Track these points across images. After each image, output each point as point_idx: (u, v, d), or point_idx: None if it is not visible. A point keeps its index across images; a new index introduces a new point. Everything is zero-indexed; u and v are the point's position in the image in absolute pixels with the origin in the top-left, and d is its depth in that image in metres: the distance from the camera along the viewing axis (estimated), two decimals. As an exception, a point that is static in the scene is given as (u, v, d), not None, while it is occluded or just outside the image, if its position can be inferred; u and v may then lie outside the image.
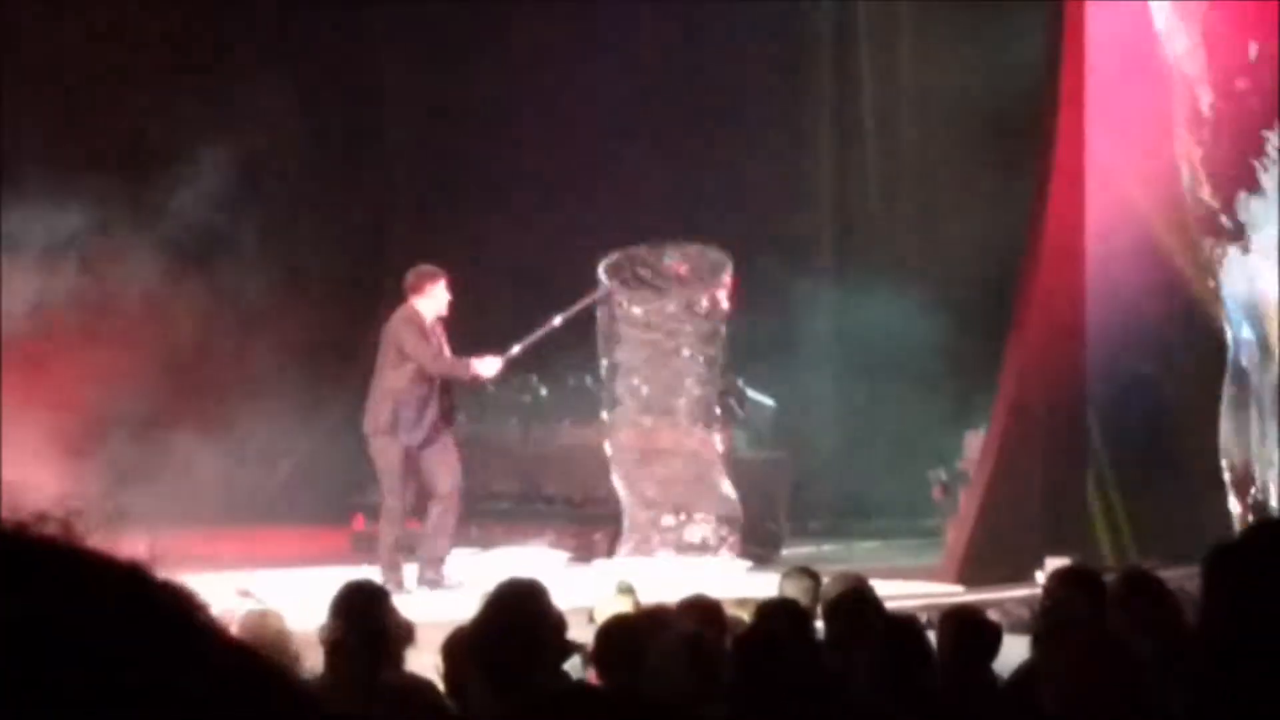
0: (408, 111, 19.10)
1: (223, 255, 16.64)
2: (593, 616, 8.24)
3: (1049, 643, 5.25)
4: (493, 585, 5.55)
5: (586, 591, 10.24)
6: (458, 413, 12.70)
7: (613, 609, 7.82)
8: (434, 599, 11.28)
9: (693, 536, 13.77)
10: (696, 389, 13.87)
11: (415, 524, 12.57)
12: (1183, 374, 13.45)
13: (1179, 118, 13.26)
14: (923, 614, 8.99)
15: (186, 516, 14.81)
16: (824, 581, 8.02)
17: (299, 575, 11.96)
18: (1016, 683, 5.90)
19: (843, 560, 13.58)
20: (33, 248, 14.38)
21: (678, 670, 5.11)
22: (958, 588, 12.72)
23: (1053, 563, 10.70)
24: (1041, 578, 10.37)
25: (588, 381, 14.74)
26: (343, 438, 13.30)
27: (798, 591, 7.73)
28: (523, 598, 5.32)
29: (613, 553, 14.28)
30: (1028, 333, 13.62)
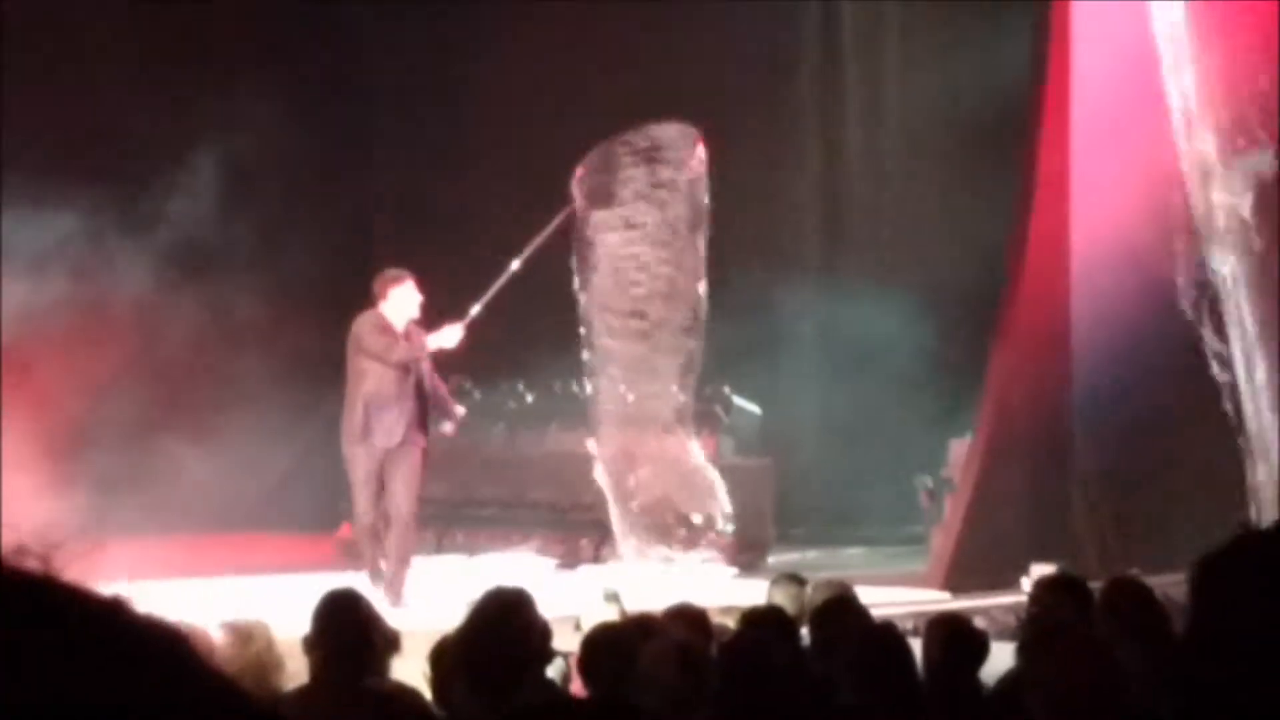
0: (398, 121, 19.10)
1: (211, 263, 16.64)
2: (579, 624, 8.23)
3: (1035, 650, 5.25)
4: (479, 593, 5.55)
5: (573, 598, 10.23)
6: (437, 420, 12.53)
7: (599, 617, 7.81)
8: (420, 607, 11.25)
9: (681, 541, 13.73)
10: (676, 375, 13.64)
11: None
12: (1167, 381, 13.45)
13: (1184, 122, 13.27)
14: (909, 621, 8.99)
15: (174, 524, 14.84)
16: (809, 589, 8.01)
17: (287, 583, 11.95)
18: (1003, 690, 5.90)
19: (828, 567, 13.58)
20: (21, 255, 14.36)
21: (664, 678, 5.11)
22: (944, 594, 12.73)
23: (1038, 569, 10.69)
24: (1027, 585, 10.37)
25: (574, 387, 14.73)
26: (330, 445, 13.24)
27: (786, 599, 7.72)
28: (508, 606, 5.32)
29: (599, 559, 14.28)
30: (1012, 340, 13.62)
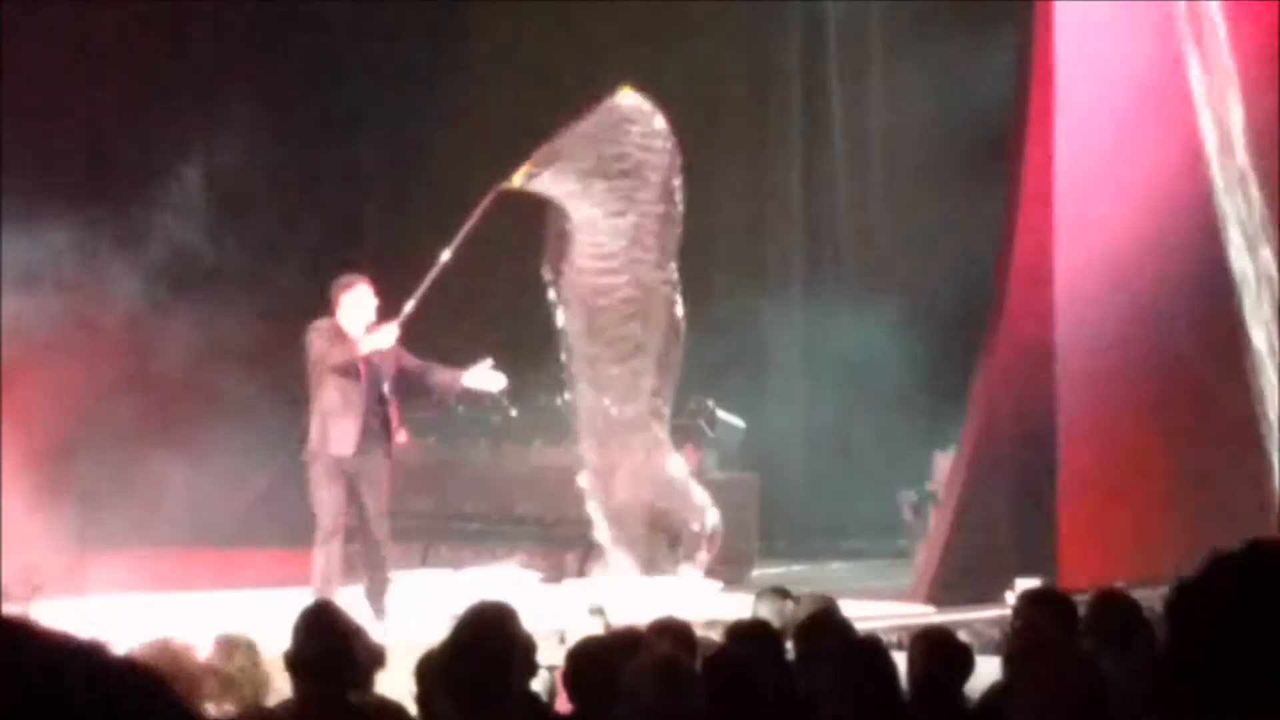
0: (383, 134, 19.09)
1: (197, 280, 16.63)
2: (563, 638, 8.23)
3: (1020, 664, 5.26)
4: (463, 608, 5.54)
5: (557, 612, 10.22)
6: (405, 430, 12.30)
7: (584, 631, 7.80)
8: (405, 621, 11.23)
9: (667, 555, 13.72)
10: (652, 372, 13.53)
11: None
12: (1152, 394, 13.47)
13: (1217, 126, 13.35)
14: (894, 635, 8.99)
15: (162, 537, 14.82)
16: (794, 603, 7.99)
17: (274, 597, 11.91)
18: (987, 704, 5.90)
19: (813, 581, 13.57)
20: (11, 270, 14.34)
21: (649, 692, 5.10)
22: (928, 608, 12.74)
23: (1023, 583, 10.71)
24: (1011, 598, 10.37)
25: (558, 402, 14.71)
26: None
27: (771, 612, 7.71)
28: (493, 621, 5.31)
29: (584, 573, 14.26)
30: (997, 354, 13.63)
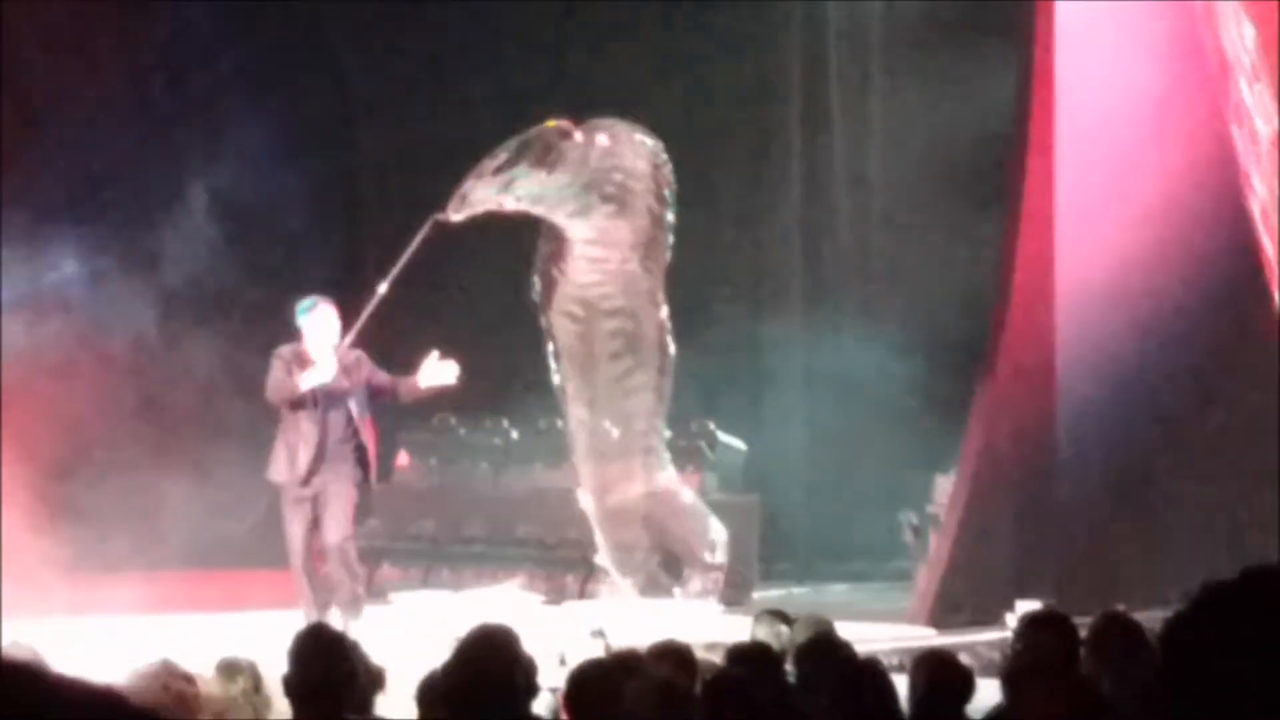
0: (384, 153, 19.10)
1: (201, 303, 16.62)
2: (563, 660, 8.23)
3: (1021, 686, 5.26)
4: (465, 630, 5.55)
5: (558, 634, 10.21)
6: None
7: (584, 653, 7.80)
8: (406, 643, 11.21)
9: (668, 577, 13.71)
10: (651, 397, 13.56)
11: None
12: (1156, 416, 13.45)
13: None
14: (894, 657, 8.99)
15: (164, 560, 14.81)
16: (793, 626, 7.99)
17: (276, 619, 11.88)
18: (988, 727, 5.90)
19: (813, 603, 13.56)
20: (14, 293, 14.35)
21: (648, 715, 5.11)
22: (929, 631, 12.71)
23: (1023, 606, 10.69)
24: (1012, 621, 10.36)
25: (559, 424, 14.71)
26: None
27: (769, 635, 7.71)
28: (494, 643, 5.32)
29: (585, 595, 14.25)
30: (997, 376, 13.60)
